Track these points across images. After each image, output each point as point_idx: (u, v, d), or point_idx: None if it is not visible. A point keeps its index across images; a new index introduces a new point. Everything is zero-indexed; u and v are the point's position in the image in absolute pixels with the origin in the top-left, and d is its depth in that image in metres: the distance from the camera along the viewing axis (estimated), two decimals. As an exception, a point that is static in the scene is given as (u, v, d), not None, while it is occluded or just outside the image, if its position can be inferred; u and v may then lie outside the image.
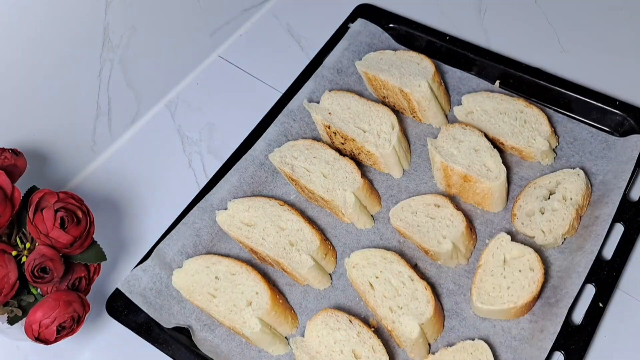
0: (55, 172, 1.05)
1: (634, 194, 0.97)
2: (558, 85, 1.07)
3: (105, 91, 1.07)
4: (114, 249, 1.02)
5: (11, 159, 0.87)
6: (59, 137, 1.04)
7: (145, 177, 1.10)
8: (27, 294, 0.85)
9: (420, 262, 0.95)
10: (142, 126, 1.15)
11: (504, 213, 0.98)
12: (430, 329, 0.87)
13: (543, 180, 0.97)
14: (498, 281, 0.88)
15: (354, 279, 0.91)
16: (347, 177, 0.98)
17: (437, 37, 1.16)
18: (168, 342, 0.91)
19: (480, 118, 1.03)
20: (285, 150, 1.02)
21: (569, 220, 0.93)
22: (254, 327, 0.87)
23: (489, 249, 0.91)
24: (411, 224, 0.94)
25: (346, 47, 1.14)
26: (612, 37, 1.16)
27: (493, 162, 0.96)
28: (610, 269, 0.90)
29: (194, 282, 0.92)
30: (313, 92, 1.10)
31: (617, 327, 0.89)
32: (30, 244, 0.84)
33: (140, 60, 1.09)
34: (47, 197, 0.83)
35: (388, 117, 1.02)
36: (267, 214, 0.96)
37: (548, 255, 0.93)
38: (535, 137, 1.00)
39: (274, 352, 0.90)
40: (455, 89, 1.11)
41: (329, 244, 0.97)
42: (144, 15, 1.06)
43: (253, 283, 0.91)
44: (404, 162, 1.03)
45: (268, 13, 1.28)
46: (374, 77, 1.08)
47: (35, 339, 0.82)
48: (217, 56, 1.23)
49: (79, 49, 0.99)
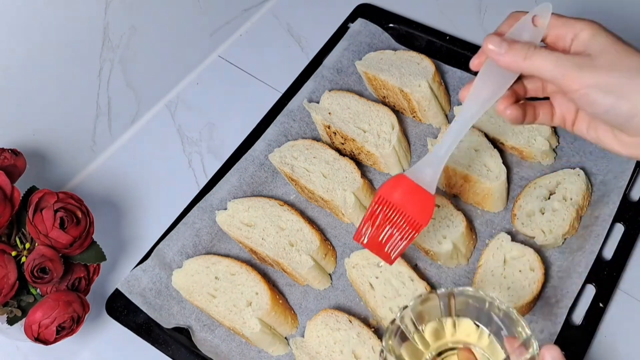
0: (55, 172, 1.05)
1: (634, 194, 0.97)
2: (558, 85, 1.07)
3: (105, 91, 1.07)
4: (114, 249, 1.02)
5: (11, 159, 0.87)
6: (59, 137, 1.04)
7: (145, 177, 1.10)
8: (26, 294, 0.85)
9: (420, 263, 0.95)
10: (142, 126, 1.15)
11: (504, 213, 0.98)
12: (429, 330, 0.87)
13: (543, 180, 0.97)
14: (498, 281, 0.88)
15: (354, 279, 0.91)
16: (347, 177, 0.98)
17: (437, 37, 1.16)
18: (168, 342, 0.91)
19: (481, 118, 1.03)
20: (285, 151, 1.02)
21: (569, 220, 0.92)
22: (253, 328, 0.87)
23: (489, 249, 0.91)
24: (411, 224, 0.94)
25: (346, 47, 1.14)
26: (612, 37, 1.16)
27: (493, 162, 0.96)
28: (610, 269, 0.90)
29: (193, 283, 0.92)
30: (313, 92, 1.10)
31: (617, 327, 0.89)
32: (30, 244, 0.84)
33: (140, 60, 1.09)
34: (46, 197, 0.83)
35: (388, 117, 1.02)
36: (267, 214, 0.96)
37: (548, 256, 0.93)
38: (536, 137, 1.00)
39: (274, 353, 0.90)
40: (455, 89, 1.11)
41: (329, 244, 0.97)
42: (144, 15, 1.06)
43: (253, 283, 0.91)
44: (404, 162, 1.03)
45: (268, 13, 1.28)
46: (374, 77, 1.07)
47: (34, 339, 0.82)
48: (217, 56, 1.23)
49: (78, 49, 0.99)
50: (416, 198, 0.75)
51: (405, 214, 0.75)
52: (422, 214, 0.75)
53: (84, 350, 0.95)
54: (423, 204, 0.75)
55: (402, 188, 0.75)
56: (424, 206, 0.75)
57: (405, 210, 0.75)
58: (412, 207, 0.75)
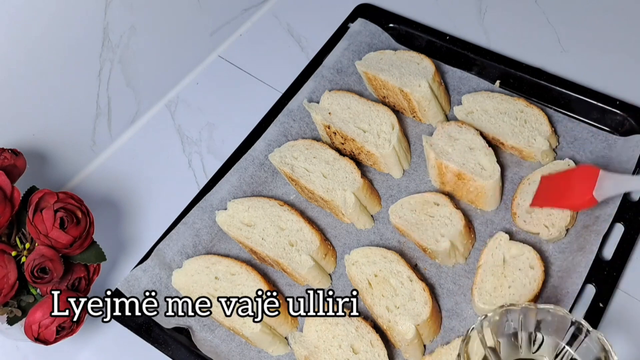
0: (55, 172, 1.05)
1: (634, 194, 0.97)
2: (558, 85, 1.07)
3: (105, 91, 1.07)
4: (114, 249, 1.02)
5: (11, 159, 0.87)
6: (59, 137, 1.04)
7: (145, 177, 1.10)
8: (26, 294, 0.85)
9: (420, 262, 0.95)
10: (142, 126, 1.15)
11: (504, 213, 0.98)
12: (426, 330, 0.87)
13: (535, 175, 0.97)
14: (499, 281, 0.88)
15: (352, 276, 0.91)
16: (347, 177, 0.98)
17: (437, 37, 1.15)
18: (168, 342, 0.91)
19: (481, 118, 1.03)
20: (285, 150, 1.02)
21: (568, 211, 0.93)
22: (253, 328, 0.87)
23: (488, 249, 0.91)
24: (410, 222, 0.94)
25: (346, 47, 1.14)
26: (612, 37, 1.16)
27: (487, 161, 0.96)
28: (610, 269, 0.90)
29: (193, 283, 0.92)
30: (313, 92, 1.10)
31: (617, 327, 0.89)
32: (30, 244, 0.84)
33: (140, 60, 1.09)
34: (46, 198, 0.83)
35: (388, 117, 1.02)
36: (267, 214, 0.96)
37: (548, 255, 0.93)
38: (536, 136, 1.00)
39: (274, 353, 0.90)
40: (455, 89, 1.11)
41: (328, 244, 0.97)
42: (143, 15, 1.06)
43: (253, 283, 0.91)
44: (404, 162, 1.03)
45: (268, 13, 1.28)
46: (374, 77, 1.07)
47: (34, 339, 0.82)
48: (217, 56, 1.23)
49: (78, 49, 0.99)
50: (581, 188, 0.88)
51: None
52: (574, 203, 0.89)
53: (84, 350, 0.95)
54: (583, 199, 0.88)
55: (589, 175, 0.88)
56: (581, 200, 0.88)
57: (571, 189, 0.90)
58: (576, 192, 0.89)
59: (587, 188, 0.87)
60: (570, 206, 0.91)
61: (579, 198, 0.88)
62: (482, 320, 0.69)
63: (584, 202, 0.88)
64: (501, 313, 0.69)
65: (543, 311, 0.68)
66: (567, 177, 0.92)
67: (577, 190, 0.89)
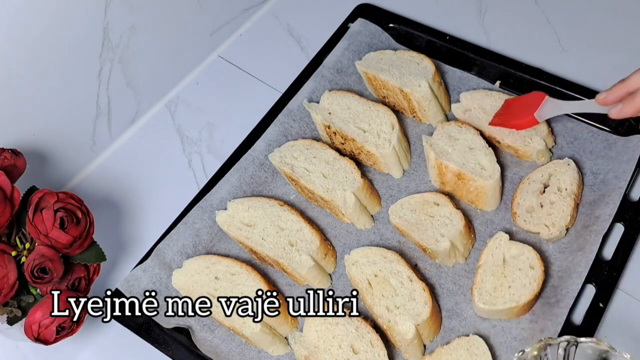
0: (55, 172, 1.05)
1: (634, 194, 0.97)
2: (558, 85, 1.07)
3: (105, 91, 1.07)
4: (114, 249, 1.02)
5: (11, 159, 0.87)
6: (59, 137, 1.04)
7: (145, 177, 1.10)
8: (26, 294, 0.85)
9: (420, 263, 0.95)
10: (142, 126, 1.15)
11: (504, 213, 0.98)
12: (426, 330, 0.87)
13: (535, 174, 0.97)
14: (499, 281, 0.88)
15: (352, 276, 0.91)
16: (347, 177, 0.98)
17: (437, 37, 1.15)
18: (168, 342, 0.91)
19: (478, 116, 1.03)
20: (285, 150, 1.02)
21: (568, 210, 0.93)
22: (254, 328, 0.87)
23: (488, 249, 0.91)
24: (410, 222, 0.94)
25: (346, 47, 1.14)
26: (612, 37, 1.16)
27: (487, 161, 0.96)
28: (610, 269, 0.90)
29: (193, 283, 0.92)
30: (313, 92, 1.10)
31: (617, 327, 0.89)
32: (30, 244, 0.84)
33: (140, 60, 1.09)
34: (46, 198, 0.83)
35: (388, 117, 1.02)
36: (267, 214, 0.96)
37: (548, 255, 0.93)
38: (532, 136, 1.00)
39: (274, 353, 0.90)
40: (455, 89, 1.11)
41: (328, 244, 0.97)
42: (143, 15, 1.06)
43: (253, 283, 0.91)
44: (404, 162, 1.03)
45: (268, 13, 1.28)
46: (374, 77, 1.07)
47: (34, 339, 0.82)
48: (217, 56, 1.23)
49: (78, 49, 0.99)
50: (527, 111, 0.98)
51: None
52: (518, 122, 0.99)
53: (84, 350, 0.95)
54: (525, 119, 0.98)
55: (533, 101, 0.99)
56: (523, 120, 0.99)
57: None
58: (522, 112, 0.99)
59: (532, 110, 0.98)
60: (515, 125, 1.00)
61: (523, 118, 0.98)
62: (520, 355, 0.70)
63: (525, 122, 0.98)
64: (539, 347, 0.70)
65: (583, 344, 0.69)
66: (522, 100, 1.02)
67: (525, 112, 0.99)
